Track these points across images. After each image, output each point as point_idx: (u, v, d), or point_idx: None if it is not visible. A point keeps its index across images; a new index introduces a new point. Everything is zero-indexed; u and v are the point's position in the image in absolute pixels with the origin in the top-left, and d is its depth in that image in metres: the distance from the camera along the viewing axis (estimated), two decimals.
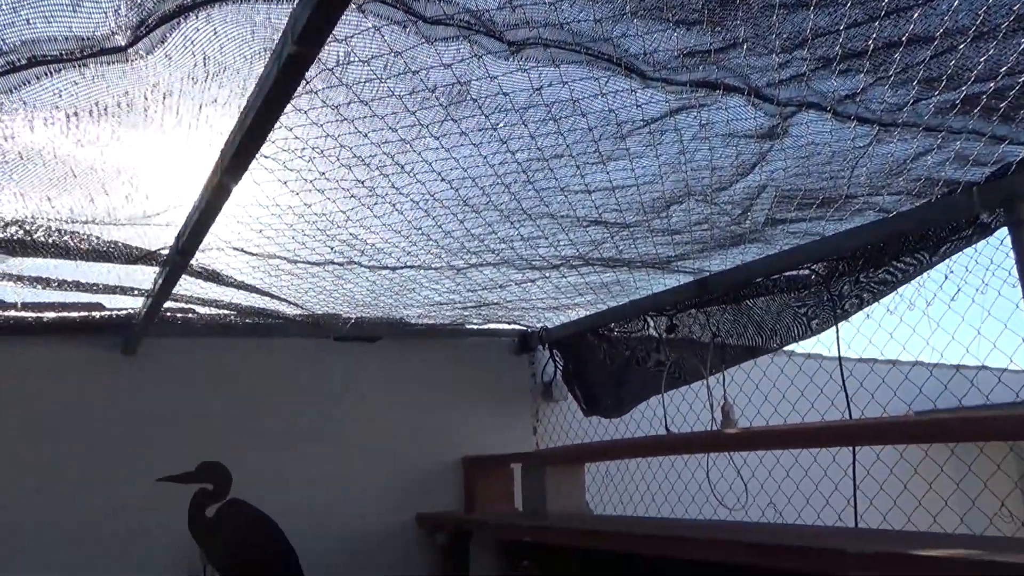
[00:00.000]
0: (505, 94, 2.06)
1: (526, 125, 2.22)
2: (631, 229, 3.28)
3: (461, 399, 5.54)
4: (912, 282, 3.40)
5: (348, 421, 5.01)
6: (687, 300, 4.40)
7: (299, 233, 2.96)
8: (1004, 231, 2.91)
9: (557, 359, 5.66)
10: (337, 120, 2.10)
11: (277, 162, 2.34)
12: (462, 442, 5.47)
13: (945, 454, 3.55)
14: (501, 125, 2.23)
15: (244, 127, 1.98)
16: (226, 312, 4.44)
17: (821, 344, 4.00)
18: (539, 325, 5.57)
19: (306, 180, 2.48)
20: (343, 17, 1.57)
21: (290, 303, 4.24)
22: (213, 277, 3.61)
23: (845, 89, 2.22)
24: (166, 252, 3.05)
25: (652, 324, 4.76)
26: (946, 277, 3.18)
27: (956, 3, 1.82)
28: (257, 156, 2.11)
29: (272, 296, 4.07)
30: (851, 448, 3.57)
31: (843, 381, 3.59)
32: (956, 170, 2.86)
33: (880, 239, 3.35)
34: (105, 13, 1.55)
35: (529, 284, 4.16)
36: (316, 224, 2.85)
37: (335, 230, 2.95)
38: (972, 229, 3.08)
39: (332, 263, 3.38)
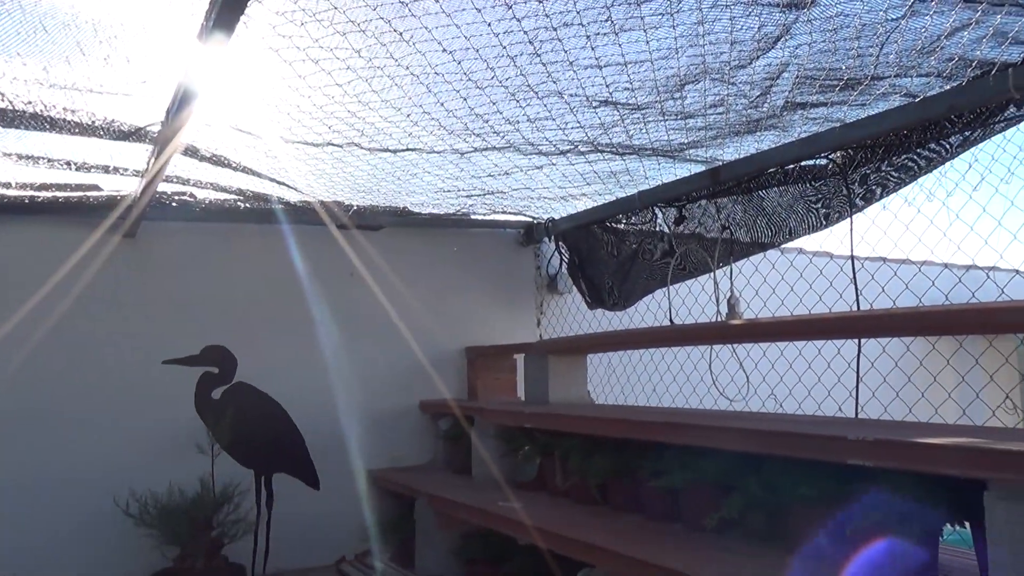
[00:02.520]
0: None
1: None
2: (643, 111, 3.13)
3: (465, 290, 5.52)
4: (933, 172, 3.26)
5: (352, 308, 5.01)
6: (697, 190, 4.28)
7: (295, 108, 2.83)
8: None
9: (563, 251, 5.59)
10: None
11: (269, 25, 2.18)
12: (466, 332, 5.49)
13: (953, 347, 3.52)
14: None
15: None
16: (226, 196, 4.35)
17: (833, 237, 3.90)
18: (545, 216, 5.47)
19: (299, 48, 2.33)
20: None
21: (291, 187, 4.14)
22: (209, 158, 3.50)
23: None
24: (156, 128, 2.93)
25: (660, 216, 4.66)
26: (970, 166, 3.05)
27: None
28: (246, 10, 1.96)
29: (272, 180, 3.97)
30: (856, 341, 3.54)
31: (854, 275, 3.52)
32: (992, 48, 2.67)
33: (904, 126, 3.18)
34: None
35: (535, 171, 4.04)
36: (312, 99, 2.71)
37: (332, 106, 2.81)
38: (1005, 113, 2.91)
39: (331, 144, 3.26)
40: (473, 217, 5.36)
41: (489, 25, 2.25)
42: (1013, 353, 3.63)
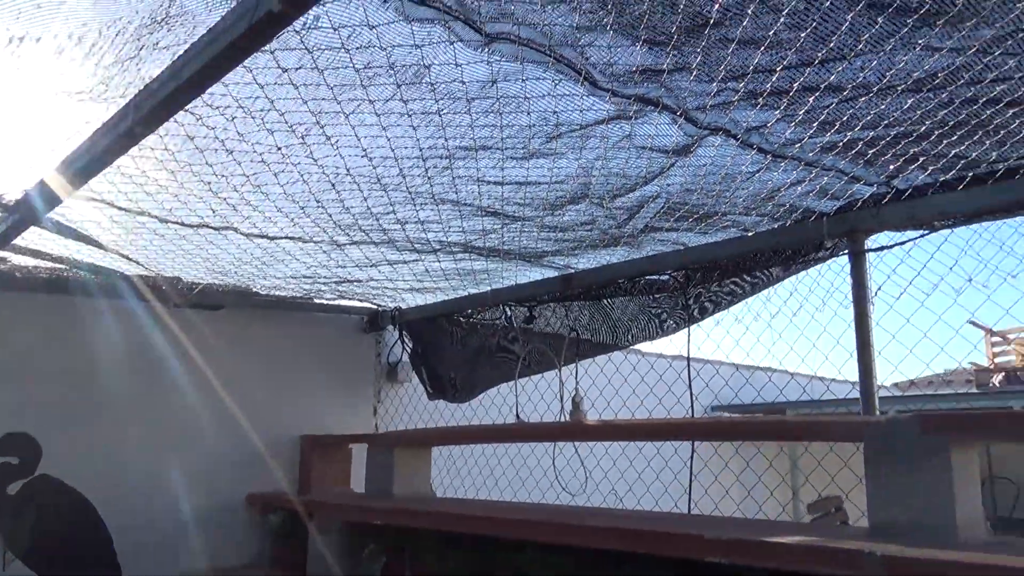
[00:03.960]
0: (463, 82, 2.04)
1: (471, 114, 2.22)
2: (523, 223, 3.36)
3: (301, 375, 5.34)
4: (761, 295, 3.79)
5: (180, 392, 4.65)
6: (549, 293, 4.57)
7: (185, 191, 2.72)
8: (845, 258, 3.33)
9: (407, 340, 5.63)
10: (280, 83, 1.97)
11: (193, 116, 2.14)
12: (299, 420, 5.29)
13: (776, 450, 4.02)
14: (446, 111, 2.20)
15: (181, 77, 1.80)
16: (54, 266, 3.95)
17: (671, 344, 4.33)
18: (393, 305, 5.51)
19: (218, 139, 2.29)
20: None
21: (136, 262, 3.86)
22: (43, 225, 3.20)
23: (756, 121, 2.44)
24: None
25: (511, 313, 4.89)
26: (791, 294, 3.58)
27: (873, 62, 2.08)
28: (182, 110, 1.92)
29: (118, 254, 3.69)
30: (691, 442, 3.92)
31: (689, 381, 3.93)
32: (815, 200, 3.23)
33: (737, 255, 3.69)
34: None
35: (402, 265, 4.11)
36: (211, 185, 2.63)
37: (228, 193, 2.74)
38: (818, 253, 3.49)
39: (208, 227, 3.13)
40: (317, 301, 5.27)
41: (418, 140, 2.36)
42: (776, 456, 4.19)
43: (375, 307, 5.61)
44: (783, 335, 3.61)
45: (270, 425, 5.07)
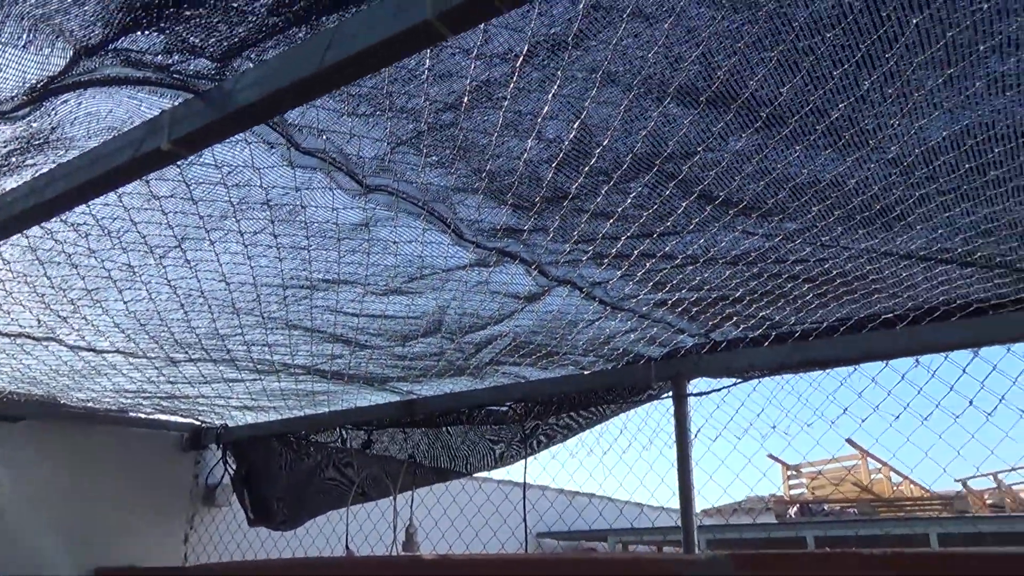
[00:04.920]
0: (336, 223, 2.12)
1: (339, 252, 2.28)
2: (373, 351, 3.39)
3: (106, 497, 4.84)
4: (594, 430, 4.00)
5: None
6: (389, 418, 4.54)
7: (10, 300, 2.52)
8: (670, 401, 3.64)
9: (230, 461, 5.30)
10: (150, 208, 1.95)
11: (44, 228, 2.04)
12: (97, 549, 4.75)
13: None
14: (315, 247, 2.25)
15: (43, 197, 1.75)
16: None
17: (508, 474, 4.41)
18: (219, 422, 5.20)
19: (65, 252, 2.18)
20: None
21: None
22: None
23: (600, 278, 2.70)
24: None
25: (348, 436, 4.78)
26: (621, 431, 3.82)
27: (700, 239, 2.40)
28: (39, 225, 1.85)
29: None
30: None
31: (524, 514, 4.00)
32: (645, 346, 3.54)
33: (574, 391, 3.91)
34: None
35: (239, 383, 3.96)
36: (44, 297, 2.47)
37: (60, 305, 2.57)
38: (645, 394, 3.78)
39: (29, 337, 2.89)
40: (133, 415, 4.88)
41: (281, 272, 2.38)
42: None
43: (198, 423, 5.27)
44: (612, 471, 3.81)
45: (61, 555, 4.51)
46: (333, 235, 2.18)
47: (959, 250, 2.55)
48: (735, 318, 3.26)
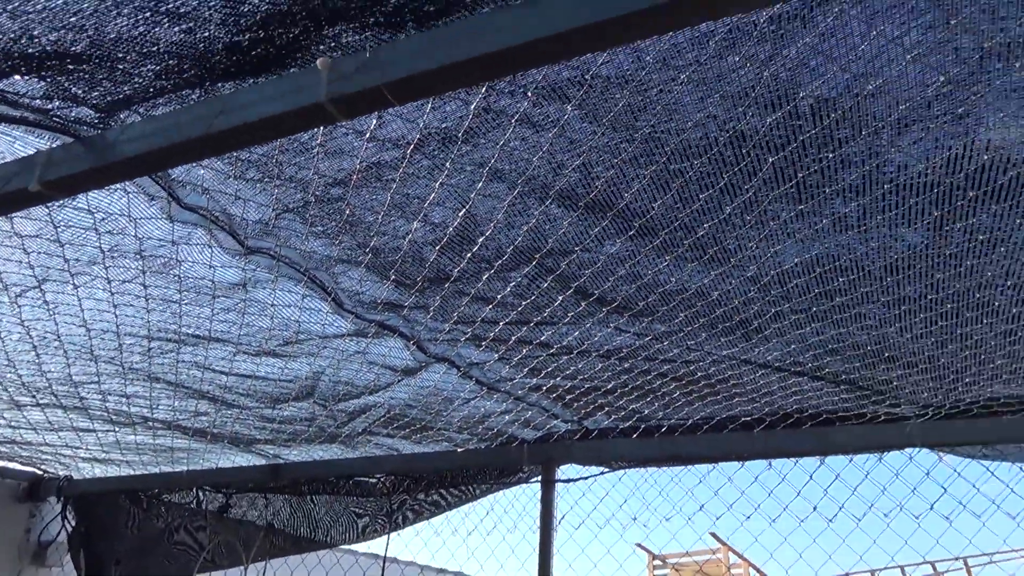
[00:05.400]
0: (212, 281, 2.08)
1: (212, 309, 2.23)
2: (240, 410, 3.27)
3: None
4: (461, 509, 3.96)
5: None
6: (252, 482, 4.34)
7: None
8: (538, 485, 3.67)
9: (70, 517, 4.88)
10: (9, 246, 1.85)
11: None
12: None
13: None
14: (187, 302, 2.19)
15: None
16: None
17: (369, 548, 4.28)
18: (63, 473, 4.81)
19: None
20: None
21: None
22: None
23: (478, 359, 2.74)
24: None
25: (204, 498, 4.53)
26: (488, 512, 3.81)
27: (576, 332, 2.49)
28: None
29: None
30: None
31: None
32: (519, 429, 3.58)
33: (447, 466, 3.88)
34: None
35: (89, 433, 3.70)
36: None
37: None
38: (515, 476, 3.80)
39: None
40: None
41: (149, 323, 2.30)
42: None
43: (39, 472, 4.86)
44: (475, 553, 3.77)
45: None
46: (208, 292, 2.13)
47: (809, 365, 2.76)
48: (607, 408, 3.36)
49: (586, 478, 3.63)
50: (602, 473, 3.65)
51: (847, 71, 1.39)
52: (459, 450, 3.84)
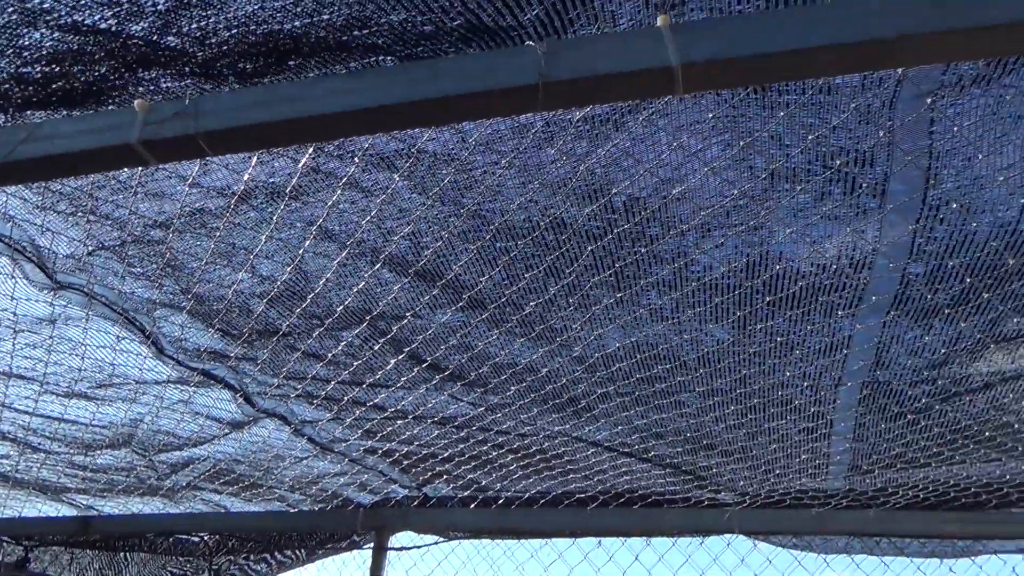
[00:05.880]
0: (15, 313, 1.94)
1: (13, 343, 2.07)
2: (48, 455, 3.02)
3: None
4: (288, 574, 3.78)
5: None
6: (59, 534, 3.97)
7: None
8: (368, 552, 3.56)
9: None
10: None
11: None
12: None
13: None
14: None
15: None
16: None
17: None
18: None
19: None
20: None
21: None
22: None
23: (311, 417, 2.67)
24: None
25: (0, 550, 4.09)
26: None
27: (410, 396, 2.48)
28: None
29: None
30: None
31: None
32: (355, 492, 3.48)
33: (275, 527, 3.70)
34: None
35: None
36: None
37: None
38: (347, 542, 3.67)
39: None
40: None
41: None
42: None
43: None
44: None
45: None
46: (9, 324, 1.99)
47: (636, 446, 2.86)
48: (446, 476, 3.34)
49: (420, 547, 3.56)
50: (436, 543, 3.59)
51: (655, 175, 1.50)
52: (292, 511, 3.68)
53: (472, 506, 3.56)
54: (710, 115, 1.38)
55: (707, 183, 1.52)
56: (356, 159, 1.48)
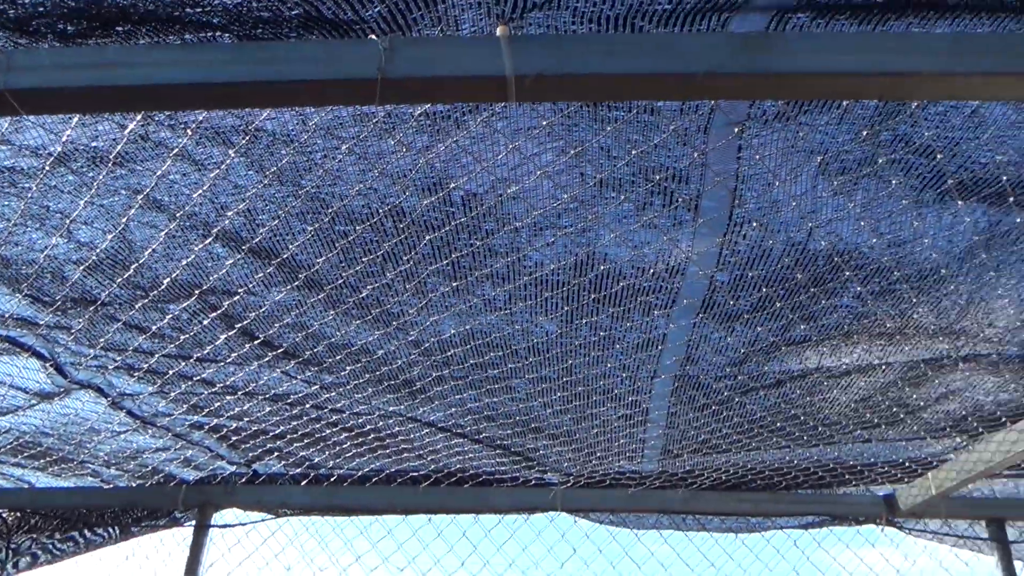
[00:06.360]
0: None
1: None
2: None
3: None
4: (96, 553, 3.57)
5: None
6: None
7: None
8: (191, 530, 3.44)
9: None
10: None
11: None
12: None
13: None
14: None
15: None
16: None
17: None
18: None
19: None
20: None
21: None
22: None
23: (131, 390, 2.54)
24: None
25: None
26: (127, 558, 3.48)
27: (242, 373, 2.42)
28: None
29: None
30: None
31: None
32: (178, 468, 3.35)
33: (86, 504, 3.49)
34: None
35: None
36: None
37: None
38: (167, 520, 3.53)
39: None
40: None
41: None
42: None
43: None
44: None
45: None
46: None
47: (469, 428, 2.95)
48: (277, 453, 3.28)
49: (244, 524, 3.49)
50: (263, 520, 3.53)
51: (493, 174, 1.57)
52: (106, 486, 3.48)
53: (304, 483, 3.53)
54: (545, 123, 1.46)
55: (541, 186, 1.60)
56: (189, 131, 1.43)
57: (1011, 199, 1.71)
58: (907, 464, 3.34)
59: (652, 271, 1.86)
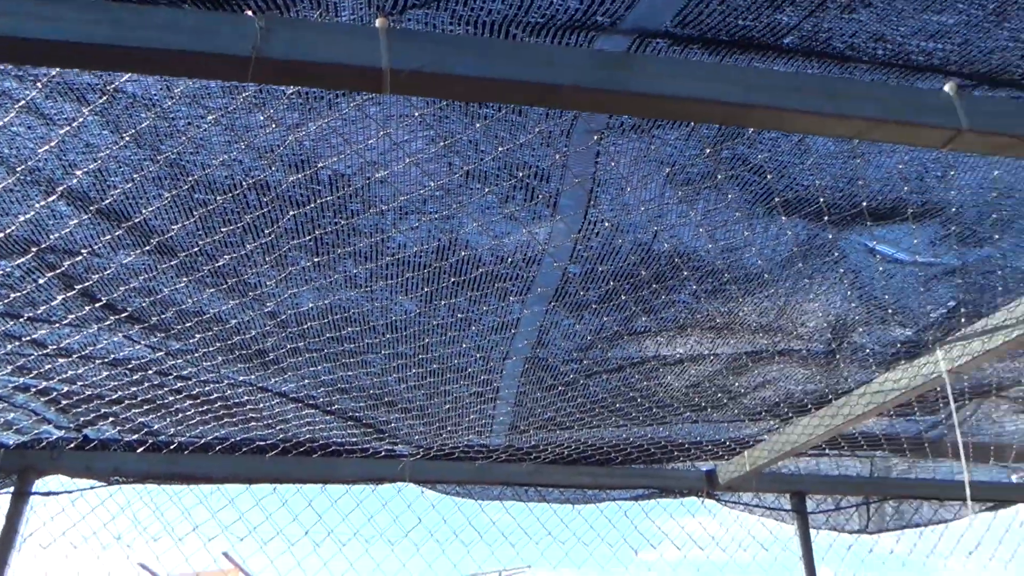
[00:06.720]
0: None
1: None
2: None
3: None
4: None
5: None
6: None
7: None
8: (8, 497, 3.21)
9: None
10: None
11: None
12: None
13: None
14: None
15: None
16: None
17: None
18: None
19: None
20: None
21: None
22: None
23: None
24: None
25: None
26: None
27: (79, 336, 2.30)
28: None
29: None
30: None
31: None
32: None
33: None
34: None
35: None
36: None
37: None
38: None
39: None
40: None
41: None
42: None
43: None
44: None
45: None
46: None
47: (322, 400, 2.95)
48: (112, 419, 3.13)
49: (71, 492, 3.30)
50: (92, 488, 3.35)
51: (362, 157, 1.59)
52: None
53: (140, 450, 3.38)
54: (418, 113, 1.50)
55: (409, 172, 1.64)
56: (39, 84, 1.35)
57: (826, 218, 1.94)
58: (727, 443, 3.68)
59: (510, 260, 1.95)
